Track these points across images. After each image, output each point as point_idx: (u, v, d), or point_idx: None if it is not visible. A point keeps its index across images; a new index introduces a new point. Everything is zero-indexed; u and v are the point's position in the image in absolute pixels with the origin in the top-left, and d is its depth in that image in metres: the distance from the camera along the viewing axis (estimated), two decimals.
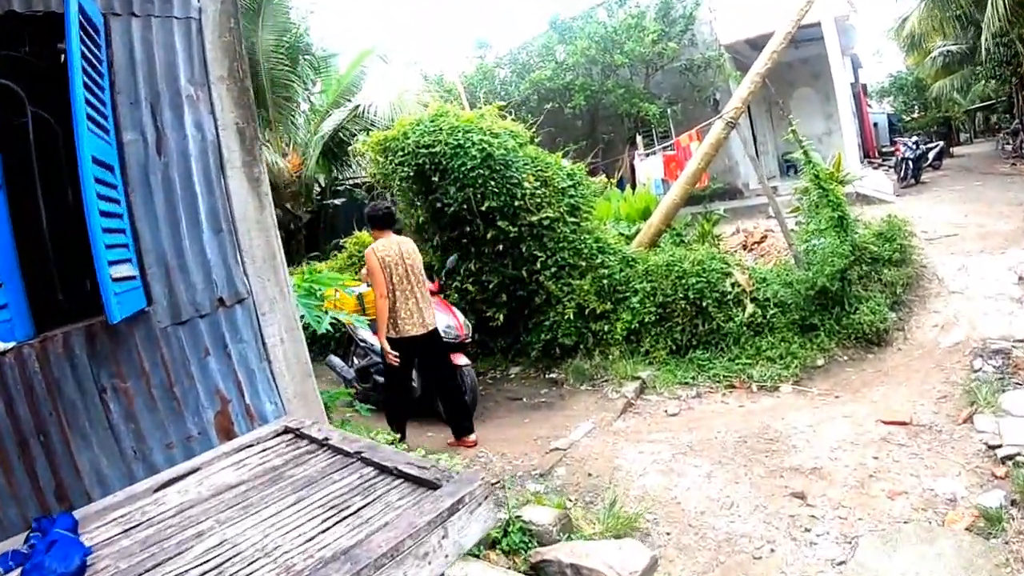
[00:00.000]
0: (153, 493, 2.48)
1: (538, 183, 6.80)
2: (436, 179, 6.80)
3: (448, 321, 5.87)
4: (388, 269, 4.86)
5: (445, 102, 8.86)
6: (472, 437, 5.25)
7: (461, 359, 5.74)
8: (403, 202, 7.55)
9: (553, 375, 6.73)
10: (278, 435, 3.02)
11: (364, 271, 5.42)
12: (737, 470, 4.07)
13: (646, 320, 6.45)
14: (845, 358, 5.82)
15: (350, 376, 6.80)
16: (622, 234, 8.58)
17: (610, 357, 6.40)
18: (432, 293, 6.21)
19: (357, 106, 11.08)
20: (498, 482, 4.36)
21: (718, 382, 5.79)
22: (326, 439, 2.73)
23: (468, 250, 7.25)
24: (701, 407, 5.42)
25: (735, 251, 9.69)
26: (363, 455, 2.49)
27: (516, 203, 6.59)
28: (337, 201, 13.57)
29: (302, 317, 3.87)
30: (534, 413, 5.89)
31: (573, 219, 6.87)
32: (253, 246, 3.46)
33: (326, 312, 4.27)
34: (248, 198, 3.46)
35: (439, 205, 6.97)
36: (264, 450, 2.85)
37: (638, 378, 5.98)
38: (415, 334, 4.95)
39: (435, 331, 5.20)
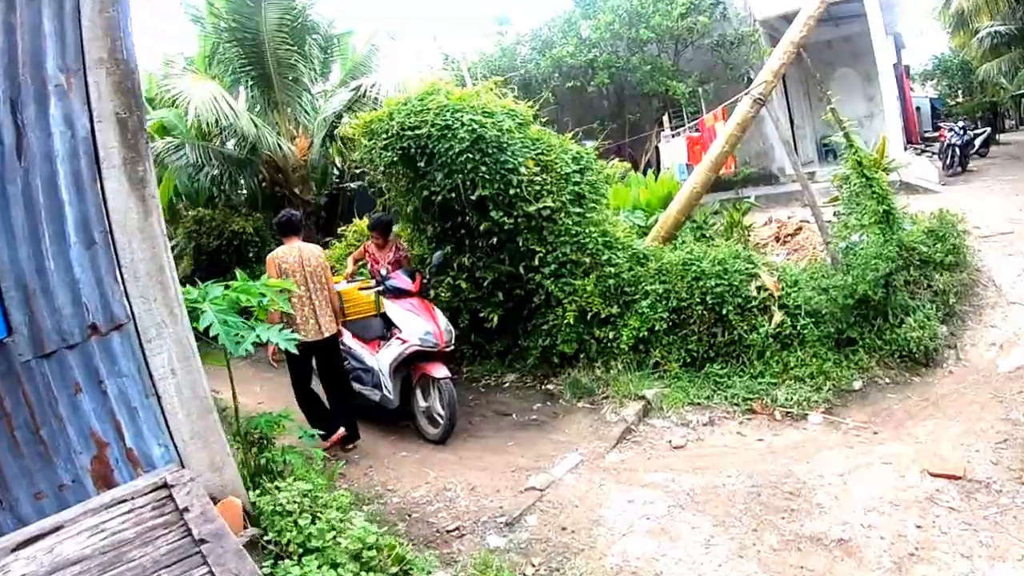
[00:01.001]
0: (10, 553, 2.09)
1: (538, 168, 6.04)
2: (423, 164, 6.08)
3: (426, 327, 5.20)
4: (285, 275, 4.94)
5: (459, 84, 8.14)
6: (335, 437, 5.19)
7: (439, 370, 5.08)
8: (394, 190, 6.85)
9: (550, 386, 6.01)
10: (156, 489, 2.49)
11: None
12: (744, 537, 3.30)
13: (657, 328, 5.66)
14: (887, 381, 4.97)
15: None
16: (638, 225, 7.74)
17: (613, 370, 5.65)
18: (409, 294, 5.56)
19: (358, 87, 10.32)
20: (455, 529, 3.69)
21: (736, 405, 5.00)
22: (185, 509, 2.24)
23: (462, 243, 6.55)
24: (712, 439, 4.65)
25: (766, 243, 8.79)
26: (203, 550, 1.95)
27: (511, 191, 5.84)
28: (353, 184, 13.00)
29: (215, 337, 3.22)
30: (521, 434, 5.19)
31: (577, 210, 6.09)
32: (135, 260, 2.81)
33: (255, 327, 3.62)
34: (130, 202, 2.81)
35: (426, 193, 6.27)
36: (132, 510, 2.38)
37: (642, 397, 5.21)
38: (310, 340, 5.01)
39: (332, 338, 5.27)
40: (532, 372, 6.37)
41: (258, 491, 3.27)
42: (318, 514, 3.12)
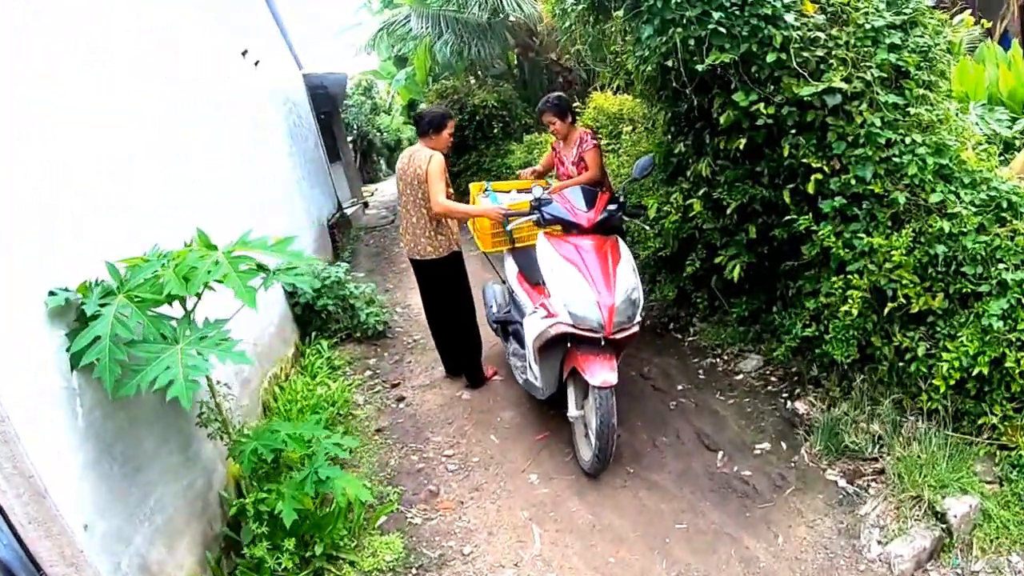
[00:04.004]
0: None
1: (821, 16, 3.20)
2: (620, 12, 3.68)
3: (589, 295, 3.11)
4: (400, 183, 4.21)
5: None
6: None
7: (597, 372, 3.03)
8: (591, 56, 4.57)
9: (799, 405, 3.50)
10: None
11: None
12: None
13: (1009, 363, 2.67)
14: None
15: (492, 320, 4.59)
16: (999, 136, 4.08)
17: (905, 426, 2.92)
18: (577, 229, 3.46)
19: None
20: None
21: None
22: None
23: (700, 141, 4.09)
24: None
25: None
26: None
27: (771, 57, 3.12)
28: None
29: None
30: (707, 504, 2.97)
31: (893, 98, 3.07)
32: None
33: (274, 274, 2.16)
34: None
35: (635, 62, 3.88)
36: None
37: (941, 518, 2.49)
38: (411, 257, 4.32)
39: (430, 263, 4.19)
40: (782, 367, 3.88)
41: None
42: None
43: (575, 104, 6.23)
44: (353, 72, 16.22)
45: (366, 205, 13.69)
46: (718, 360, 4.22)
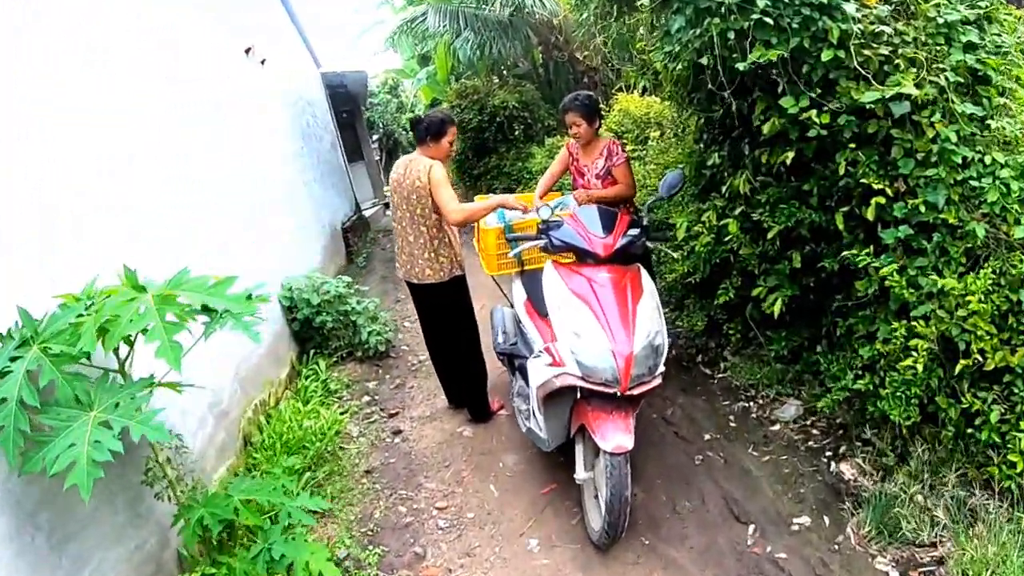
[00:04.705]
0: None
1: (887, 7, 2.68)
2: (646, 2, 3.20)
3: (602, 342, 2.59)
4: (394, 196, 3.73)
5: None
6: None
7: (609, 435, 2.54)
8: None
9: (845, 468, 2.98)
10: None
11: None
12: None
13: None
14: None
15: (498, 351, 4.05)
16: None
17: (971, 497, 2.41)
18: (592, 258, 2.97)
19: None
20: None
21: None
22: None
23: (737, 151, 3.59)
24: None
25: None
26: None
27: (826, 55, 2.60)
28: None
29: None
30: None
31: (970, 108, 2.53)
32: None
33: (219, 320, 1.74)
34: None
35: (663, 57, 3.39)
36: None
37: None
38: (407, 280, 3.85)
39: (428, 287, 3.73)
40: (825, 418, 3.36)
41: None
42: None
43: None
44: (377, 71, 15.93)
45: (387, 206, 13.35)
46: (751, 404, 3.71)
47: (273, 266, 5.20)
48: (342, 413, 4.38)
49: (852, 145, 2.74)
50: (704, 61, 2.94)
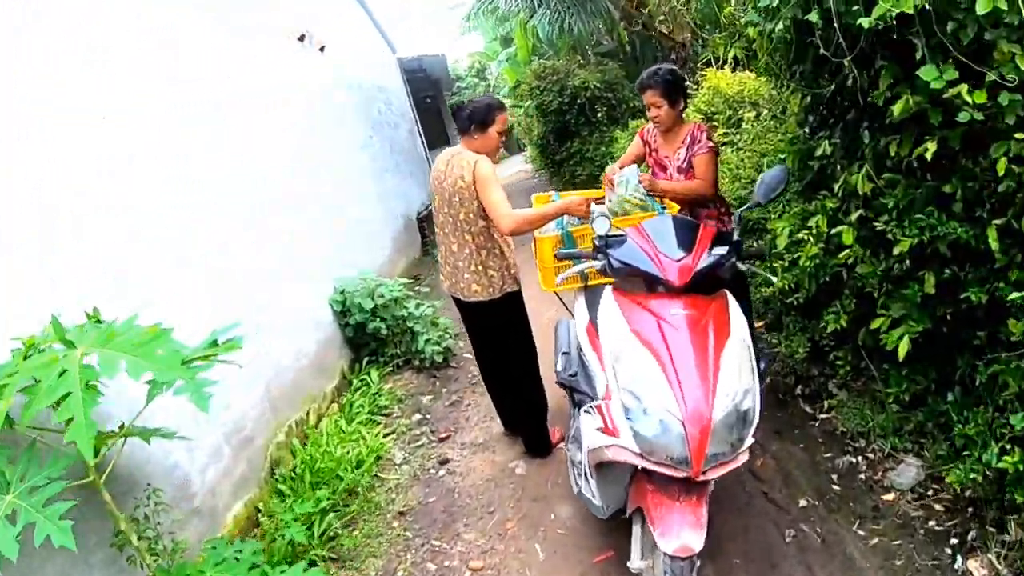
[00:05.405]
0: None
1: None
2: None
3: (666, 403, 1.91)
4: (435, 198, 3.22)
5: None
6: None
7: (672, 534, 1.91)
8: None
9: (974, 566, 2.22)
10: None
11: None
12: None
13: None
14: None
15: (559, 378, 3.41)
16: None
17: None
18: (662, 286, 2.29)
19: None
20: None
21: None
22: None
23: (854, 138, 2.82)
24: None
25: None
26: None
27: (981, 6, 1.81)
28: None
29: None
30: None
31: None
32: None
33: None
34: None
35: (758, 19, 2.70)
36: None
37: None
38: (452, 296, 3.33)
39: (477, 304, 3.19)
40: (954, 493, 2.58)
41: None
42: None
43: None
44: (460, 55, 15.57)
45: None
46: (860, 460, 2.95)
47: (330, 258, 4.98)
48: (387, 435, 4.00)
49: (1018, 135, 1.97)
50: (812, 18, 2.24)
